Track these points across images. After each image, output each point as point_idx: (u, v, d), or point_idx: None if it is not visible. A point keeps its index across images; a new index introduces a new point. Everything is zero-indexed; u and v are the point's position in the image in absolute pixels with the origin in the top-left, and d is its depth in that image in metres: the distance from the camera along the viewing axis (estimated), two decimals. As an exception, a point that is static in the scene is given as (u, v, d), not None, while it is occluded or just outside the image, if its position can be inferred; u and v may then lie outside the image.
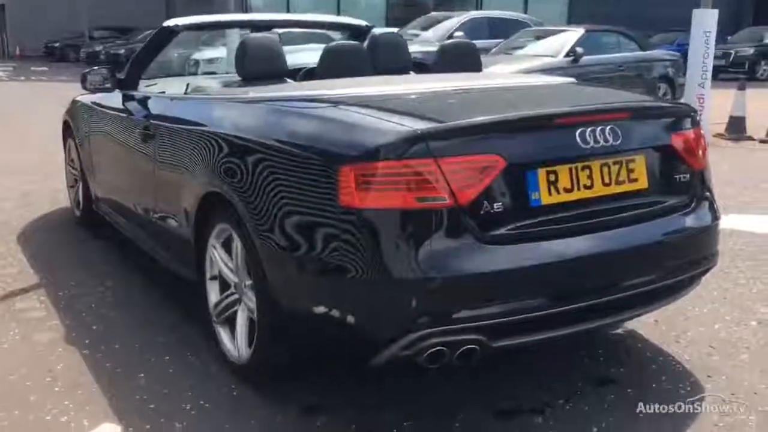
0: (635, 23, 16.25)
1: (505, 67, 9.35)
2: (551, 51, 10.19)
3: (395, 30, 11.82)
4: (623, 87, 8.93)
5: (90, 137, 4.43)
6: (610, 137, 2.41)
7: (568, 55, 9.93)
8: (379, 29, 4.58)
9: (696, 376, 2.83)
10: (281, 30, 6.05)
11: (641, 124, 2.64)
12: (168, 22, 3.82)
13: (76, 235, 4.76)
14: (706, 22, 8.57)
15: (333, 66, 3.25)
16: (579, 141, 2.36)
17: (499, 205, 2.24)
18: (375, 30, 4.32)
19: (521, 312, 2.27)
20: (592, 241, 2.39)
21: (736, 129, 9.17)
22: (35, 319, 3.39)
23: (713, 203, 2.79)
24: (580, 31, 10.53)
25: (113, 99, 4.00)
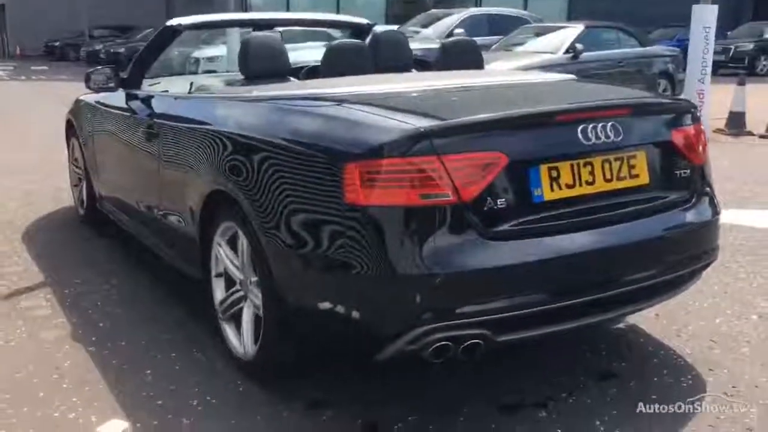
0: (634, 19, 16.26)
1: (505, 64, 9.35)
2: (551, 47, 10.20)
3: (396, 27, 11.88)
4: (623, 83, 8.95)
5: (94, 136, 4.45)
6: (611, 133, 2.43)
7: (567, 52, 9.94)
8: (381, 27, 4.60)
9: (697, 369, 2.85)
10: (282, 28, 6.06)
11: (642, 120, 2.66)
12: (171, 21, 3.84)
13: (80, 234, 4.78)
14: (705, 17, 8.59)
15: (336, 64, 3.27)
16: (580, 137, 2.38)
17: (502, 202, 2.26)
18: (377, 28, 4.34)
19: (524, 307, 2.29)
20: (593, 237, 2.41)
21: (735, 124, 9.18)
22: (41, 317, 3.41)
23: (713, 198, 2.82)
24: (579, 28, 10.53)
25: (117, 98, 4.02)
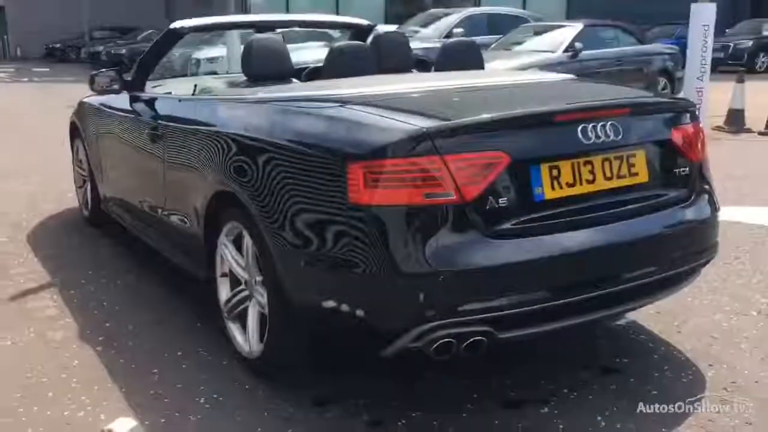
0: (634, 17, 16.31)
1: (505, 63, 9.37)
2: (550, 46, 10.21)
3: (395, 27, 11.89)
4: (622, 81, 8.98)
5: (98, 138, 4.48)
6: (610, 133, 2.47)
7: (567, 51, 9.95)
8: (382, 27, 4.63)
9: (697, 365, 2.89)
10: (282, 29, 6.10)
11: (641, 119, 2.69)
12: (174, 24, 3.87)
13: (85, 235, 4.82)
14: (704, 15, 8.61)
15: (338, 66, 3.31)
16: (580, 137, 2.42)
17: (504, 201, 2.30)
18: (378, 27, 4.37)
19: (526, 304, 2.33)
20: (594, 234, 2.44)
21: (735, 121, 9.19)
22: (49, 318, 3.45)
23: (713, 195, 2.85)
24: (578, 26, 10.54)
25: (121, 100, 4.04)
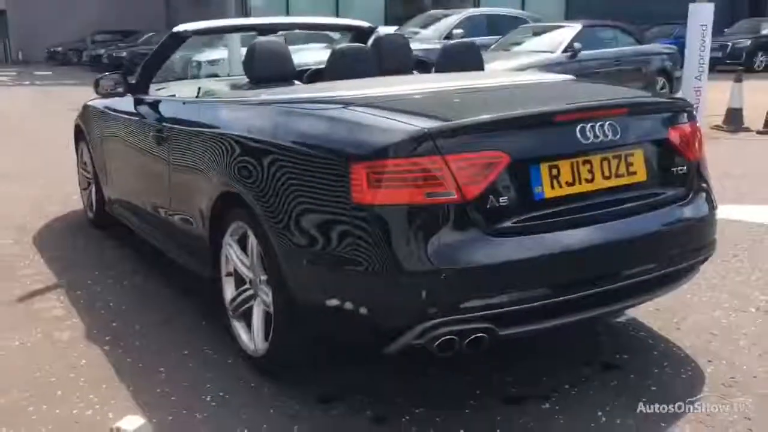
0: (632, 17, 16.36)
1: (504, 64, 9.41)
2: (549, 47, 10.25)
3: (395, 28, 11.95)
4: (621, 81, 9.02)
5: (102, 141, 4.52)
6: (609, 132, 2.51)
7: (566, 51, 9.99)
8: (382, 28, 4.68)
9: (697, 361, 2.92)
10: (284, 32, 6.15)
11: (639, 119, 2.73)
12: (177, 28, 3.91)
13: (90, 237, 4.86)
14: (702, 15, 8.66)
15: (340, 68, 3.35)
16: (579, 136, 2.46)
17: (504, 199, 2.33)
18: (379, 29, 4.42)
19: (527, 301, 2.37)
20: (593, 233, 2.48)
21: (733, 121, 9.23)
22: (56, 318, 3.49)
23: (710, 194, 2.89)
24: (577, 27, 10.58)
25: (125, 103, 4.08)
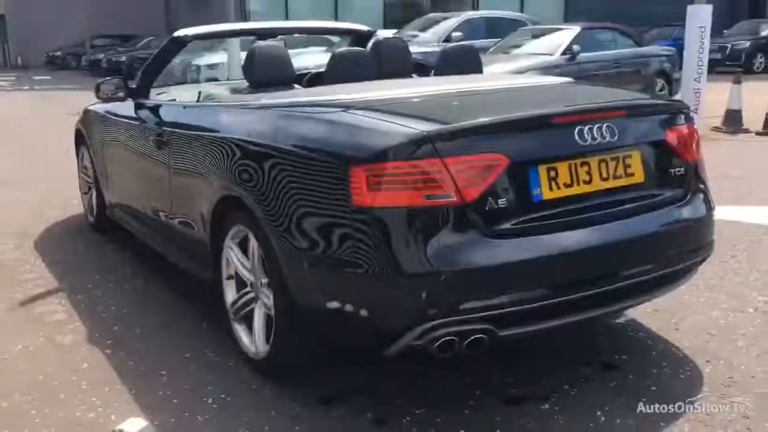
0: (631, 19, 16.39)
1: (503, 66, 9.43)
2: (548, 49, 10.27)
3: (394, 31, 11.98)
4: (620, 83, 9.04)
5: (103, 145, 4.54)
6: (606, 134, 2.52)
7: (564, 53, 10.01)
8: (381, 32, 4.70)
9: (695, 361, 2.94)
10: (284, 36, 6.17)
11: (636, 121, 2.74)
12: (178, 32, 3.93)
13: (90, 241, 4.88)
14: (700, 17, 8.68)
15: (340, 71, 3.38)
16: (577, 138, 2.48)
17: (503, 201, 2.35)
18: (378, 33, 4.44)
19: (526, 302, 2.38)
20: (592, 234, 2.50)
21: (732, 122, 9.25)
22: (57, 322, 3.50)
23: (708, 195, 2.90)
24: (576, 29, 10.60)
25: (126, 108, 4.10)
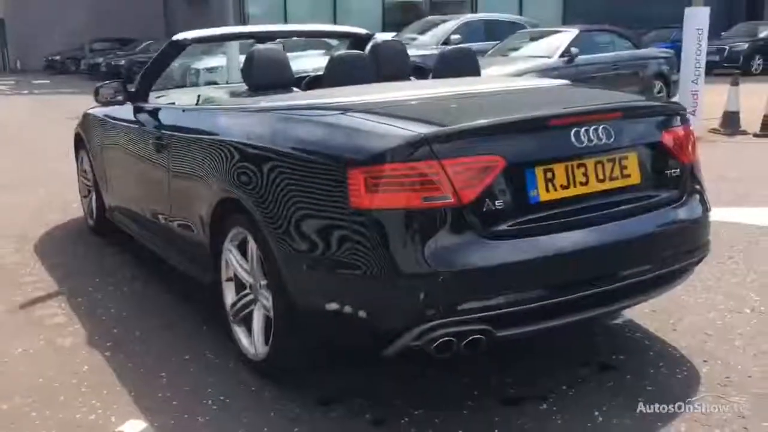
0: (630, 22, 16.43)
1: (502, 69, 9.44)
2: (546, 52, 10.29)
3: (393, 34, 12.00)
4: (618, 85, 9.06)
5: (103, 149, 4.56)
6: (603, 136, 2.54)
7: (563, 56, 10.04)
8: (380, 35, 4.72)
9: (692, 361, 2.95)
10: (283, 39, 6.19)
11: (633, 122, 2.76)
12: (177, 36, 3.96)
13: (90, 244, 4.89)
14: (698, 19, 8.71)
15: (338, 74, 3.39)
16: (574, 140, 2.49)
17: (500, 203, 2.37)
18: (377, 36, 4.46)
19: (524, 303, 2.40)
20: (589, 235, 2.51)
21: (730, 124, 9.26)
22: (57, 325, 3.52)
23: (704, 196, 2.92)
24: (574, 32, 10.63)
25: (125, 111, 4.12)
